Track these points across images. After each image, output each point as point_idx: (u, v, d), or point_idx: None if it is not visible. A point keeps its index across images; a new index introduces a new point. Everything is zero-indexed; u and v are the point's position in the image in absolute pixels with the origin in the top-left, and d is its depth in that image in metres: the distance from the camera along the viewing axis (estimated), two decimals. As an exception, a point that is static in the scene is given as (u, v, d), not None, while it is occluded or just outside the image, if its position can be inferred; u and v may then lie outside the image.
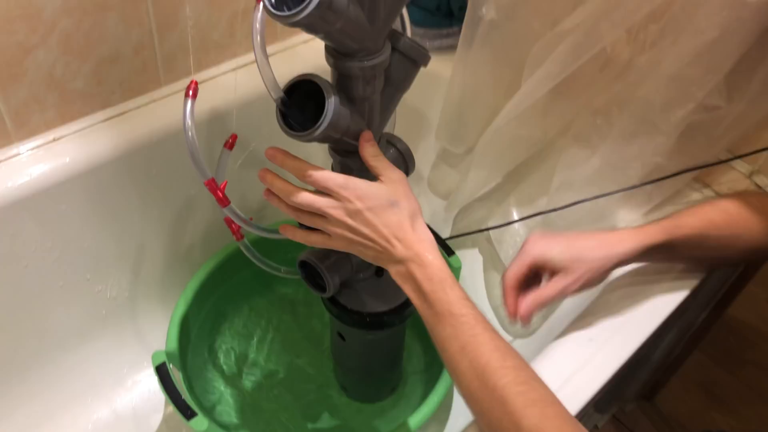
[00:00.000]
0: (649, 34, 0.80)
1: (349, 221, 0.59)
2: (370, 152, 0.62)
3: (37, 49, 0.77)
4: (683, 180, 0.86)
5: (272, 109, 1.00)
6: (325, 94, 0.59)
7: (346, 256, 0.79)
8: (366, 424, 0.96)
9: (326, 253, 0.78)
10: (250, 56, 0.99)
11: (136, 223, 0.94)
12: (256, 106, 0.95)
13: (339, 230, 0.60)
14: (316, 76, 0.60)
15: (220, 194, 0.68)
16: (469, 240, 1.06)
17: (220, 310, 1.04)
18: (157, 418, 0.98)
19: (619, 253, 0.68)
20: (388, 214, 0.59)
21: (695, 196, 0.88)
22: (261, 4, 0.56)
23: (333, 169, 0.73)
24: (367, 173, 0.64)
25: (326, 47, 0.61)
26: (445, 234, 1.06)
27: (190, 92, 0.66)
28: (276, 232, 0.72)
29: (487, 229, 0.95)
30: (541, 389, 0.54)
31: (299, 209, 0.61)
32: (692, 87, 0.76)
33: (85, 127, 0.87)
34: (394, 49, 0.63)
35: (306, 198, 0.59)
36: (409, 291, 0.60)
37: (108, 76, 0.86)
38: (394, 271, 0.61)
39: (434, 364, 0.99)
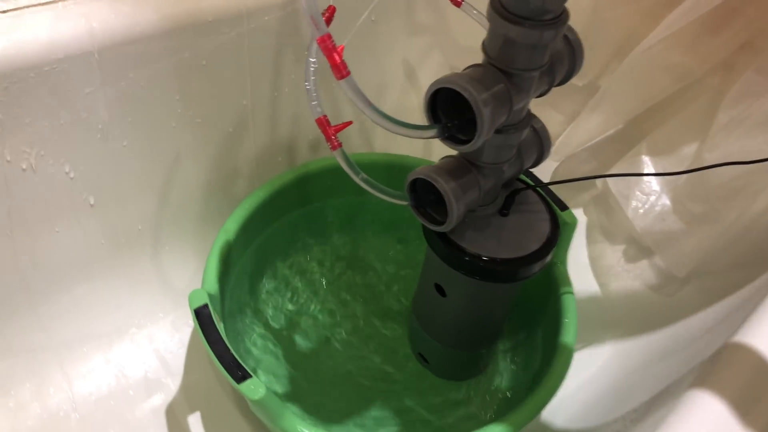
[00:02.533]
0: None
1: None
2: None
3: None
4: None
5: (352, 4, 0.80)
6: None
7: (475, 179, 0.59)
8: (445, 404, 0.76)
9: (450, 172, 0.58)
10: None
11: (171, 130, 0.73)
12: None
13: None
14: None
15: (338, 59, 0.48)
16: (570, 198, 0.87)
17: (266, 254, 0.82)
18: (172, 384, 0.76)
19: None
20: None
21: None
22: None
23: (489, 42, 0.53)
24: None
25: None
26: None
27: None
28: (409, 126, 0.52)
29: (616, 176, 0.76)
30: None
31: None
32: None
33: (123, -13, 0.65)
34: None
35: None
36: None
37: None
38: None
39: (523, 344, 0.79)
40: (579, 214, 0.87)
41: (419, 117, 0.56)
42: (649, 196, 0.76)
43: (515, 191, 0.65)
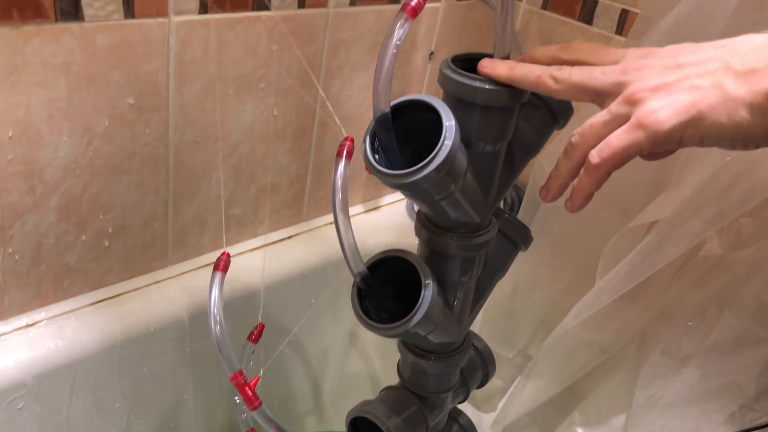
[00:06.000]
0: (744, 227, 0.71)
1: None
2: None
3: (30, 213, 0.63)
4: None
5: (298, 291, 0.86)
6: (422, 278, 0.45)
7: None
8: None
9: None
10: (271, 236, 0.87)
11: (112, 435, 0.74)
12: (278, 290, 0.81)
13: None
14: (408, 252, 0.46)
15: (250, 392, 0.51)
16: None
17: None
18: None
19: None
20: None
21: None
22: (342, 159, 0.45)
23: (402, 367, 0.57)
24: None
25: (419, 217, 0.49)
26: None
27: (221, 265, 0.53)
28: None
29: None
30: None
31: None
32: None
33: (69, 311, 0.70)
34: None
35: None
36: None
37: (107, 251, 0.71)
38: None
39: None
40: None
41: (362, 384, 0.57)
42: (589, 468, 0.77)
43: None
